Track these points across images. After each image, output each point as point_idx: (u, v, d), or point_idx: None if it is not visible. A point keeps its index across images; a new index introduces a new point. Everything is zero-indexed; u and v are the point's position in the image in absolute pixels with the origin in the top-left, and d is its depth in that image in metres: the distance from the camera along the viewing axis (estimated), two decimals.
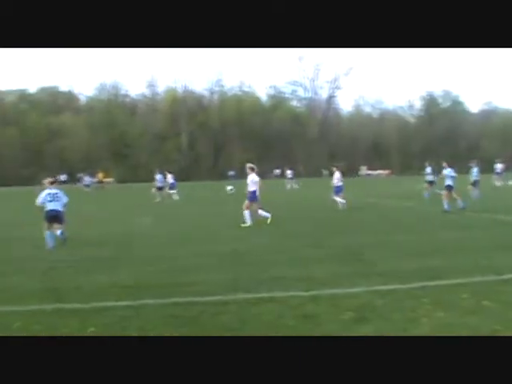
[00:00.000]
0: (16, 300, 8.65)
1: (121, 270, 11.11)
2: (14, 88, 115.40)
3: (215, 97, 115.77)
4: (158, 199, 34.26)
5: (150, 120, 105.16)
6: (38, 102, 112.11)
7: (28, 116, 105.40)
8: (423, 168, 33.88)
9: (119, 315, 7.58)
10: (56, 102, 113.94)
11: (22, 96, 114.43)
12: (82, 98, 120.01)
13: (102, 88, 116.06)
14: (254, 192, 18.85)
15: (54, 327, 7.06)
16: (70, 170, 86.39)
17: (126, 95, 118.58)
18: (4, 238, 17.10)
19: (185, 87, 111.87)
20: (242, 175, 30.30)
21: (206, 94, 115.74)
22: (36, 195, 15.64)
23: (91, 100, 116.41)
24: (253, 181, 19.11)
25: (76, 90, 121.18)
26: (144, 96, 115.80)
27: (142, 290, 9.09)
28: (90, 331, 6.78)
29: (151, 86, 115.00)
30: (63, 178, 64.14)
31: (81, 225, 20.51)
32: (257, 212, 18.25)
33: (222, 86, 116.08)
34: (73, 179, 69.40)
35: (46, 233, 14.76)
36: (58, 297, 8.77)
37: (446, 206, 21.55)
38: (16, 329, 7.05)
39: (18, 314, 7.83)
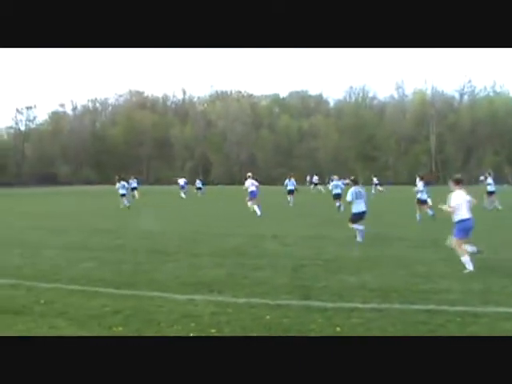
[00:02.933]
0: (268, 293, 9.05)
1: (369, 272, 11.10)
2: (267, 93, 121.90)
3: (465, 98, 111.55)
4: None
5: (398, 122, 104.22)
6: (289, 106, 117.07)
7: (280, 119, 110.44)
8: None
9: (365, 317, 7.57)
10: (306, 106, 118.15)
11: (275, 100, 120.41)
12: (331, 102, 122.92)
13: (350, 91, 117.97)
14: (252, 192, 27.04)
15: (301, 323, 7.28)
16: (319, 171, 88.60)
17: (374, 98, 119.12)
18: (254, 235, 17.99)
19: (434, 89, 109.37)
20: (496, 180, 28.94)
21: (456, 95, 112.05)
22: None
23: (340, 103, 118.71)
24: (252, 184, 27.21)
25: (325, 94, 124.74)
26: (392, 98, 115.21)
27: (389, 293, 8.99)
28: (336, 331, 6.87)
29: (399, 88, 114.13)
30: (315, 179, 65.51)
31: (327, 224, 20.95)
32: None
33: (473, 86, 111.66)
34: (322, 181, 70.97)
35: None
36: (306, 294, 9.00)
37: None
38: (267, 321, 7.39)
39: (269, 307, 8.17)
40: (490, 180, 29.04)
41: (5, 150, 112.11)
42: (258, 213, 25.60)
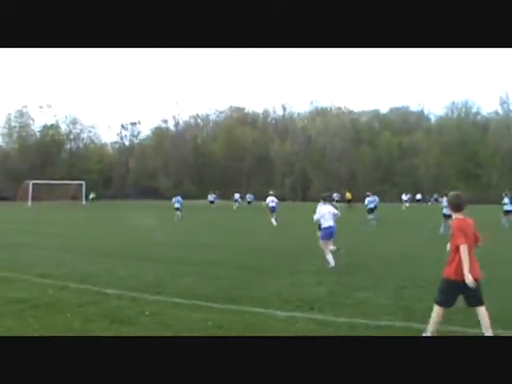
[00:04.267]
0: (368, 314, 8.94)
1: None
2: (368, 109, 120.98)
3: None
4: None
5: (503, 139, 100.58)
6: (389, 122, 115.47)
7: (380, 135, 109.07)
8: None
9: None
10: (407, 122, 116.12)
11: (375, 116, 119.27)
12: (433, 117, 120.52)
13: (452, 106, 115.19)
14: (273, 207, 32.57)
15: None
16: (420, 188, 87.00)
17: (478, 113, 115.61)
18: (355, 252, 17.83)
19: None
20: None
21: None
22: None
23: (442, 119, 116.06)
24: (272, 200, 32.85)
25: (426, 110, 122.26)
26: (497, 114, 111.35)
27: (497, 318, 8.65)
28: None
29: (504, 103, 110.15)
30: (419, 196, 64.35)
31: (431, 242, 20.47)
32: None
33: None
34: (425, 199, 69.11)
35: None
36: (408, 315, 8.84)
37: None
38: None
39: (370, 327, 8.08)
40: (506, 200, 31.11)
41: (110, 164, 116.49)
42: (274, 223, 31.42)
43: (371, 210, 34.39)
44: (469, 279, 6.97)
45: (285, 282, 12.19)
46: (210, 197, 61.30)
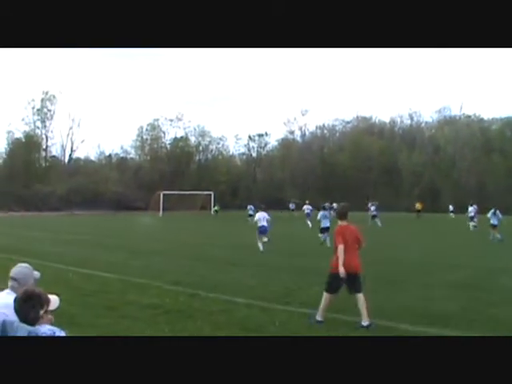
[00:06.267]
0: (500, 332, 8.56)
1: None
2: (499, 116, 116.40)
3: None
4: None
5: None
6: None
7: None
8: None
9: None
10: None
11: (507, 123, 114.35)
12: None
13: None
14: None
15: None
16: None
17: None
18: (483, 267, 17.17)
19: None
20: None
21: None
22: None
23: None
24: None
25: None
26: None
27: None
28: None
29: None
30: None
31: None
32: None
33: None
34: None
35: None
36: None
37: None
38: None
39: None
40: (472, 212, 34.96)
41: (238, 175, 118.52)
42: (309, 225, 37.22)
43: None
44: (341, 271, 9.12)
45: (413, 296, 11.92)
46: (291, 205, 66.05)
